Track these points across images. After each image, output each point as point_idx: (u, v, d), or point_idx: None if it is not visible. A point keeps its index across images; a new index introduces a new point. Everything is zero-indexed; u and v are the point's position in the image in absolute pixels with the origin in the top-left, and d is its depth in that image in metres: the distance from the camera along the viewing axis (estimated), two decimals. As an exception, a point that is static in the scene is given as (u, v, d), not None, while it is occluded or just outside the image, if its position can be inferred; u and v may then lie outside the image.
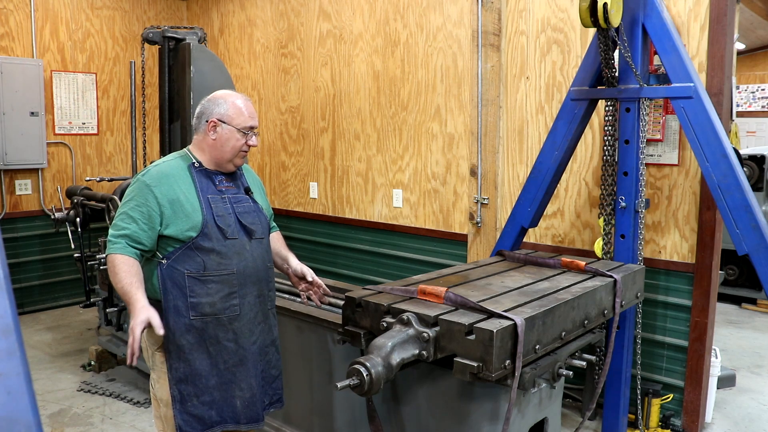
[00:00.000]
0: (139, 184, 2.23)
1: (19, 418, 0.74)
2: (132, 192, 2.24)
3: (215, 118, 2.28)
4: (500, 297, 2.33)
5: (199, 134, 2.34)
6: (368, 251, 5.14)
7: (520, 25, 4.05)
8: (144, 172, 2.28)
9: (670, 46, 2.94)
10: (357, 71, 5.06)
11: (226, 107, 2.29)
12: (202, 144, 2.33)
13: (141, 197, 2.20)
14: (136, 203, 2.20)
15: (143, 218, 2.18)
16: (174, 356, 2.22)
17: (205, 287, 2.22)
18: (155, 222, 2.19)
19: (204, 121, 2.31)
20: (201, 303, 2.21)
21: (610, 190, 3.24)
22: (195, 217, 2.22)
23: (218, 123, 2.28)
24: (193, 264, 2.21)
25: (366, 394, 1.96)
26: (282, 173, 5.85)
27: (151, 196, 2.19)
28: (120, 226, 2.19)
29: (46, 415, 3.79)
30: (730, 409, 4.01)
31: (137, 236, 2.17)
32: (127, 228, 2.18)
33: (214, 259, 2.23)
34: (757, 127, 9.87)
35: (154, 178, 2.23)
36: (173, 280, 2.20)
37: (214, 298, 2.23)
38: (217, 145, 2.29)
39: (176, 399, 2.23)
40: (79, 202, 4.42)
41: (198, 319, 2.22)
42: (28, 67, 5.54)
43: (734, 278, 6.47)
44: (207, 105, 2.32)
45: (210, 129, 2.29)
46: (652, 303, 3.63)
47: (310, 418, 3.06)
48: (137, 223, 2.17)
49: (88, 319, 5.58)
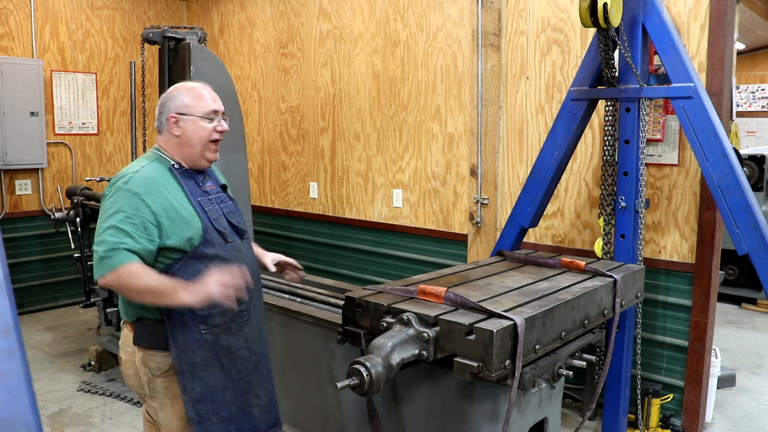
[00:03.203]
0: (124, 193, 1.97)
1: (19, 418, 0.74)
2: (115, 203, 1.97)
3: (174, 112, 2.11)
4: (500, 297, 2.33)
5: (163, 135, 2.15)
6: (368, 251, 5.14)
7: (520, 25, 4.05)
8: (122, 179, 2.01)
9: (670, 46, 2.94)
10: (357, 71, 5.06)
11: (181, 98, 2.11)
12: (169, 144, 2.14)
13: (130, 208, 1.95)
14: (125, 215, 1.94)
15: (138, 231, 1.94)
16: (188, 376, 2.04)
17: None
18: (153, 234, 1.97)
19: (164, 119, 2.13)
20: (212, 314, 2.05)
21: (610, 190, 3.24)
22: (194, 223, 2.04)
23: (178, 117, 2.10)
24: (197, 274, 2.00)
25: (366, 394, 1.96)
26: (282, 173, 5.85)
27: (144, 206, 1.96)
28: (110, 242, 1.91)
29: (46, 415, 3.79)
30: (730, 409, 4.01)
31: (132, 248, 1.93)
32: (122, 243, 1.91)
33: (219, 266, 2.03)
34: (757, 127, 9.87)
35: (142, 186, 1.99)
36: None
37: (224, 307, 2.01)
38: (183, 140, 2.11)
39: (194, 421, 2.05)
40: (79, 202, 4.42)
41: (209, 332, 2.06)
42: (28, 67, 5.54)
43: (734, 278, 6.47)
44: (163, 102, 2.14)
45: (172, 126, 2.11)
46: (652, 303, 3.63)
47: (310, 418, 3.06)
48: (132, 238, 1.92)
49: (88, 319, 5.58)
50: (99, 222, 1.99)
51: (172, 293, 1.91)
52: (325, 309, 3.01)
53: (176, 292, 1.91)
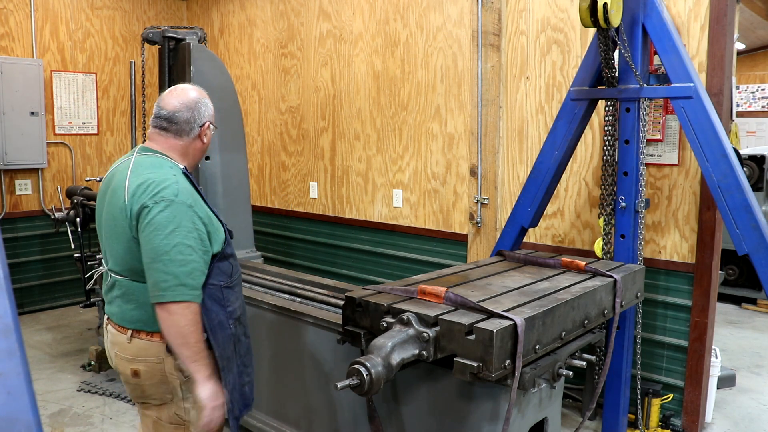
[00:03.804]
0: (179, 206, 1.97)
1: (19, 418, 0.74)
2: (175, 218, 1.96)
3: (208, 121, 2.20)
4: (500, 297, 2.33)
5: (185, 139, 2.16)
6: (368, 251, 5.14)
7: (520, 25, 4.05)
8: (167, 190, 1.99)
9: (670, 46, 2.94)
10: (357, 71, 5.06)
11: (211, 107, 2.22)
12: (187, 149, 2.17)
13: (189, 222, 1.97)
14: (186, 230, 1.96)
15: (199, 246, 1.99)
16: (226, 371, 2.12)
17: (234, 293, 2.18)
18: (208, 246, 2.03)
19: (197, 126, 2.16)
20: (234, 309, 2.16)
21: (610, 190, 3.24)
22: (220, 227, 2.13)
23: (209, 126, 2.21)
24: (222, 275, 2.10)
25: (366, 394, 1.96)
26: (282, 173, 5.85)
27: (197, 218, 2.00)
28: (182, 261, 1.93)
29: (46, 415, 3.79)
30: (730, 409, 4.01)
31: (203, 269, 2.00)
32: (193, 263, 1.95)
33: (234, 264, 2.19)
34: (757, 127, 9.88)
35: (190, 196, 2.02)
36: (211, 297, 2.06)
37: (240, 300, 2.21)
38: (204, 148, 2.22)
39: (229, 409, 2.14)
40: (79, 202, 4.42)
41: (233, 326, 2.16)
42: (28, 67, 5.54)
43: (734, 278, 6.47)
44: (196, 107, 2.17)
45: (203, 133, 2.19)
46: (652, 303, 3.63)
47: (310, 418, 3.06)
48: (197, 253, 1.97)
49: (88, 319, 5.58)
50: (156, 239, 1.94)
51: (198, 367, 1.98)
52: (325, 309, 3.01)
53: (200, 371, 1.98)
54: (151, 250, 1.94)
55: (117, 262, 2.10)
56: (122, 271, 2.10)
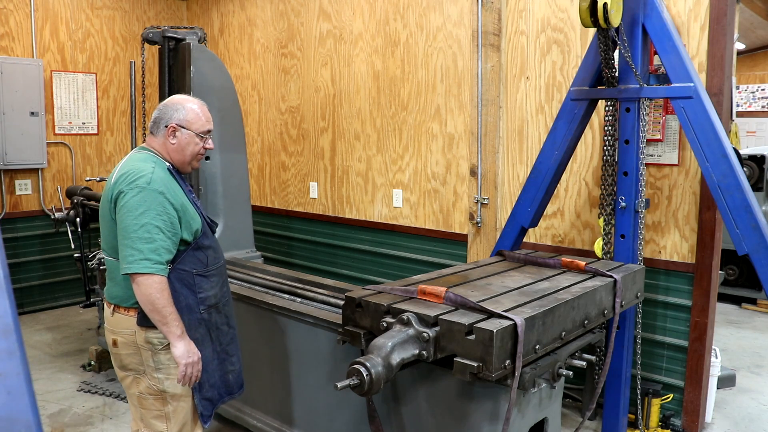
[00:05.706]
0: (150, 192, 2.19)
1: (19, 418, 0.74)
2: (145, 201, 2.18)
3: (174, 123, 2.35)
4: (500, 297, 2.33)
5: (158, 138, 2.38)
6: (368, 251, 5.14)
7: (520, 25, 4.05)
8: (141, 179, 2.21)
9: (670, 46, 2.94)
10: (357, 71, 5.06)
11: (184, 113, 2.36)
12: (163, 148, 2.38)
13: (159, 206, 2.19)
14: (155, 212, 2.18)
15: (167, 227, 2.20)
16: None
17: (209, 281, 2.38)
18: (177, 229, 2.25)
19: (163, 126, 2.36)
20: (208, 296, 2.37)
21: (610, 190, 3.24)
22: (196, 218, 2.35)
23: (177, 128, 2.35)
24: (197, 263, 2.34)
25: (366, 394, 1.96)
26: (282, 173, 5.85)
27: (168, 203, 2.21)
28: (148, 238, 2.16)
29: (46, 415, 3.79)
30: (730, 409, 4.01)
31: (168, 248, 2.20)
32: (159, 241, 2.17)
33: (212, 255, 2.41)
34: (757, 127, 9.88)
35: (163, 185, 2.23)
36: (182, 281, 2.30)
37: (216, 290, 2.41)
38: (177, 149, 2.37)
39: (196, 389, 2.37)
40: (79, 202, 4.42)
41: (206, 312, 2.37)
42: (28, 67, 5.54)
43: (734, 278, 6.47)
44: (165, 110, 2.37)
45: (169, 134, 2.35)
46: (652, 303, 3.63)
47: (310, 418, 3.06)
48: (164, 233, 2.19)
49: (88, 319, 5.58)
50: (127, 219, 2.18)
51: (170, 330, 2.21)
52: (325, 309, 3.01)
53: (173, 333, 2.21)
54: (123, 229, 2.19)
55: (105, 243, 2.37)
56: (107, 249, 2.37)
